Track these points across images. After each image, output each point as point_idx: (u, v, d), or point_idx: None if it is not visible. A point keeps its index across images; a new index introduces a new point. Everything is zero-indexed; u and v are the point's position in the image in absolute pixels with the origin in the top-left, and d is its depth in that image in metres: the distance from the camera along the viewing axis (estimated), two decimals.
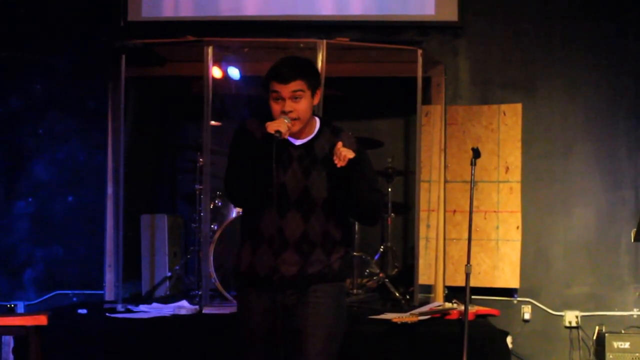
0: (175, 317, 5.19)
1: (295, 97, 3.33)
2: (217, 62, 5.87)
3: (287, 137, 3.32)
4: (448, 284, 6.08)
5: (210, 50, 5.52)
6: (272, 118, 3.36)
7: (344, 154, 3.27)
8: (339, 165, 3.29)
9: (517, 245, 6.18)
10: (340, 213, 3.47)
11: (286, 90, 3.32)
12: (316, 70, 3.48)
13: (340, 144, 3.30)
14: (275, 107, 3.35)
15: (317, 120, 3.50)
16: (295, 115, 3.33)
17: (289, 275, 3.37)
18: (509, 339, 4.89)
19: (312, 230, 3.39)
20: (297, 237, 3.37)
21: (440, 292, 5.96)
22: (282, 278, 3.36)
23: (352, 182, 3.35)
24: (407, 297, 5.78)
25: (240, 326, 3.50)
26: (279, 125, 3.26)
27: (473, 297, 5.80)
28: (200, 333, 4.88)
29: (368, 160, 3.52)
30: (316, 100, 3.43)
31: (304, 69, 3.38)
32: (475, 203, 5.33)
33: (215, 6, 6.66)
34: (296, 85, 3.32)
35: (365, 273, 6.10)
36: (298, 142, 3.42)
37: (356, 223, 5.99)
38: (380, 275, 5.94)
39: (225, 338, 4.71)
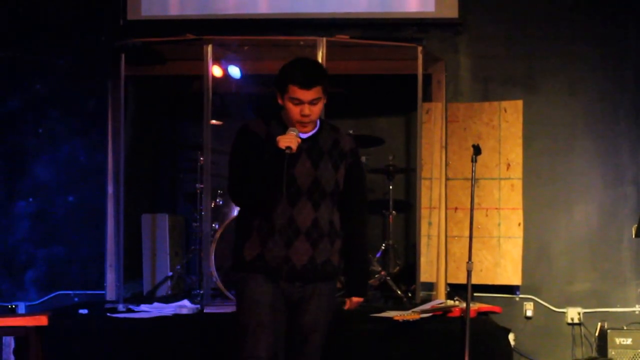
0: (177, 317, 5.19)
1: (314, 103, 3.49)
2: (217, 60, 5.87)
3: (295, 151, 3.43)
4: (450, 281, 6.08)
5: (210, 48, 5.52)
6: (278, 119, 3.57)
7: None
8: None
9: (519, 242, 6.17)
10: (340, 203, 3.64)
11: (307, 96, 3.47)
12: (328, 73, 3.61)
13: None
14: (295, 110, 3.49)
15: None
16: (313, 117, 3.51)
17: (300, 264, 3.48)
18: (511, 336, 4.89)
19: (321, 219, 3.52)
20: (309, 225, 3.49)
21: (442, 290, 5.95)
22: (293, 268, 3.48)
23: None
24: (409, 294, 5.78)
25: (247, 305, 3.50)
26: (290, 142, 3.41)
27: (475, 294, 5.79)
28: (201, 332, 4.87)
29: (361, 161, 3.82)
30: (325, 100, 3.58)
31: (322, 76, 3.54)
32: (476, 200, 5.33)
33: (215, 4, 6.65)
34: (316, 92, 3.48)
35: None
36: (305, 136, 3.54)
37: None
38: (382, 273, 5.94)
39: (227, 337, 4.70)
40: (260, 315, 3.47)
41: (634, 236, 5.96)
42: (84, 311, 5.36)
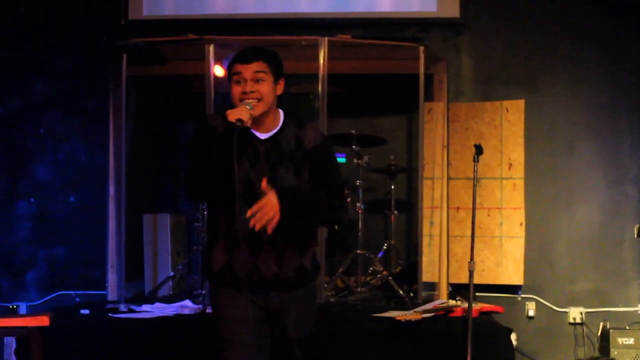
0: (179, 317, 5.18)
1: (257, 79, 3.28)
2: (219, 60, 5.85)
3: (249, 125, 3.21)
4: (452, 281, 6.07)
5: (211, 48, 5.51)
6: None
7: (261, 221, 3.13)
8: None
9: (521, 241, 6.16)
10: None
11: (248, 70, 3.27)
12: (280, 60, 3.40)
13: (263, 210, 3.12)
14: (236, 89, 3.29)
15: (282, 113, 3.43)
16: (257, 96, 3.26)
17: (270, 274, 3.30)
18: (513, 336, 4.88)
19: (284, 228, 3.23)
20: (271, 236, 3.22)
21: (444, 290, 5.94)
22: (263, 278, 3.30)
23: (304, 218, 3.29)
24: (411, 294, 5.77)
25: (224, 322, 3.35)
26: (240, 113, 3.17)
27: (477, 294, 5.80)
28: (203, 332, 4.86)
29: (329, 155, 3.46)
30: (279, 91, 3.37)
31: (267, 53, 3.34)
32: (478, 200, 5.33)
33: (216, 4, 6.65)
34: (258, 65, 3.27)
35: (369, 271, 6.07)
36: (263, 136, 3.33)
37: (359, 222, 5.97)
38: (384, 272, 5.92)
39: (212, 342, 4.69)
40: (239, 330, 3.29)
41: (636, 235, 5.97)
42: (85, 311, 5.35)
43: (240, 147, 3.15)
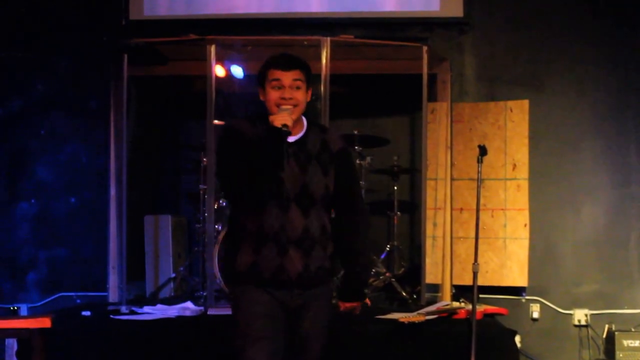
0: (180, 319, 5.18)
1: (295, 87, 3.42)
2: (220, 60, 5.84)
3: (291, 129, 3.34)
4: (455, 282, 6.04)
5: (213, 48, 5.50)
6: (264, 119, 3.40)
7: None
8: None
9: (525, 243, 6.13)
10: (331, 207, 3.55)
11: (287, 77, 3.40)
12: (311, 70, 3.54)
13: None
14: (275, 95, 3.41)
15: (304, 118, 3.55)
16: (294, 102, 3.40)
17: (296, 273, 3.38)
18: (517, 338, 4.85)
19: (311, 226, 3.41)
20: (300, 234, 3.38)
21: (447, 291, 5.92)
22: (288, 277, 3.38)
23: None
24: (414, 296, 5.75)
25: (248, 318, 3.39)
26: (284, 119, 3.30)
27: (481, 296, 5.75)
28: (205, 334, 4.85)
29: (352, 160, 3.71)
30: (308, 98, 3.51)
31: (303, 62, 3.48)
32: (482, 201, 5.30)
33: (217, 4, 6.62)
34: (297, 74, 3.42)
35: (372, 272, 6.04)
36: (291, 139, 3.43)
37: None
38: (387, 274, 5.91)
39: (230, 339, 4.66)
40: (260, 325, 3.36)
41: None
42: (86, 313, 5.34)
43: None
